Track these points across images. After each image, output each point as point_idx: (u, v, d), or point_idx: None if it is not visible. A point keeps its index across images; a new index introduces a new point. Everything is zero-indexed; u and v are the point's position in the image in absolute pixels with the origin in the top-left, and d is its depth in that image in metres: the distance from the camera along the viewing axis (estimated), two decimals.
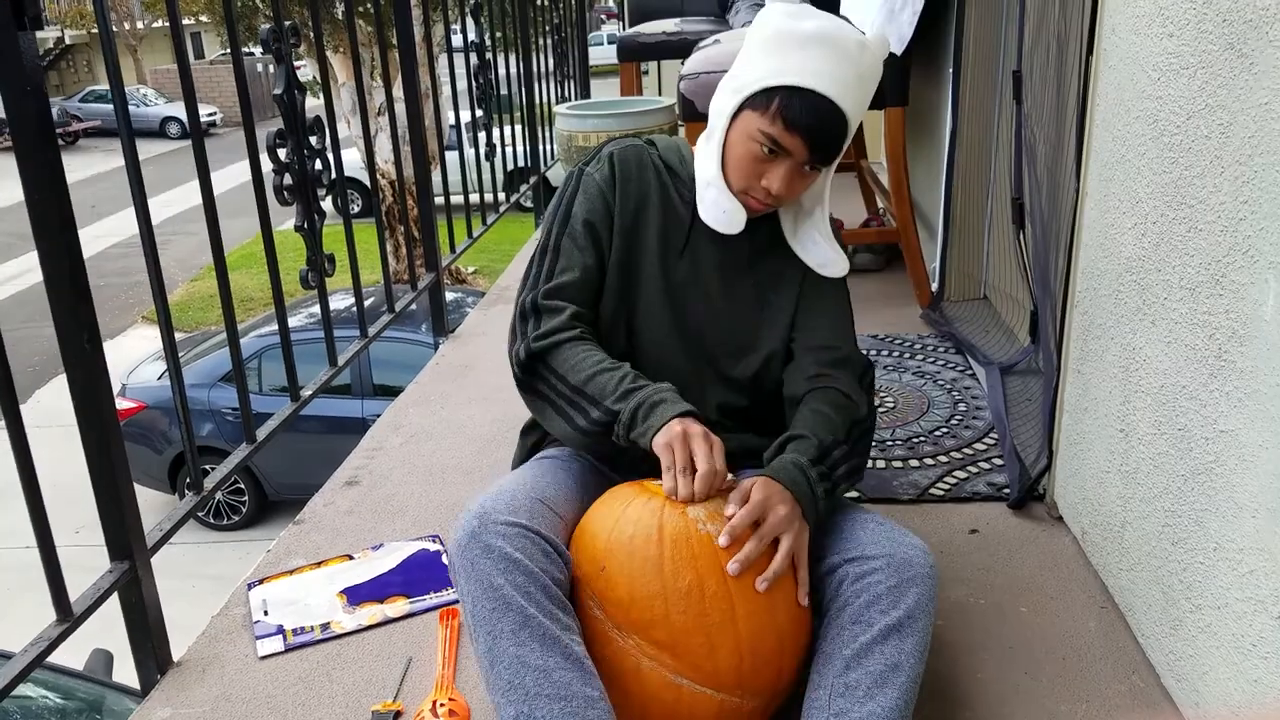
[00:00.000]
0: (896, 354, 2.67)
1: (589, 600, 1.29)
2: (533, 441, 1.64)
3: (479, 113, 3.29)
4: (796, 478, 1.35)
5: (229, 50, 1.91)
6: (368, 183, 2.58)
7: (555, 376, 1.45)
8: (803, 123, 1.38)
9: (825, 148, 1.41)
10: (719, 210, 1.48)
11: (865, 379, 1.55)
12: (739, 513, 1.28)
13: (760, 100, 1.40)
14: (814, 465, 1.37)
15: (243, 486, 7.54)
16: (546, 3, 4.57)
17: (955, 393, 2.41)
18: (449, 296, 3.77)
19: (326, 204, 2.10)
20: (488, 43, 3.29)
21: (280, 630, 1.66)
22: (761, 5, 3.53)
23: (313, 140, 2.01)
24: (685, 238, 1.54)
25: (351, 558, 1.86)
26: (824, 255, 1.54)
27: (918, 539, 1.35)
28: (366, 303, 2.47)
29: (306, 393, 2.10)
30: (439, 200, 3.04)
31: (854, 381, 1.51)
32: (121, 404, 7.12)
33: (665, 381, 1.43)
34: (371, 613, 1.69)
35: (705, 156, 1.49)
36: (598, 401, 1.40)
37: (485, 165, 3.31)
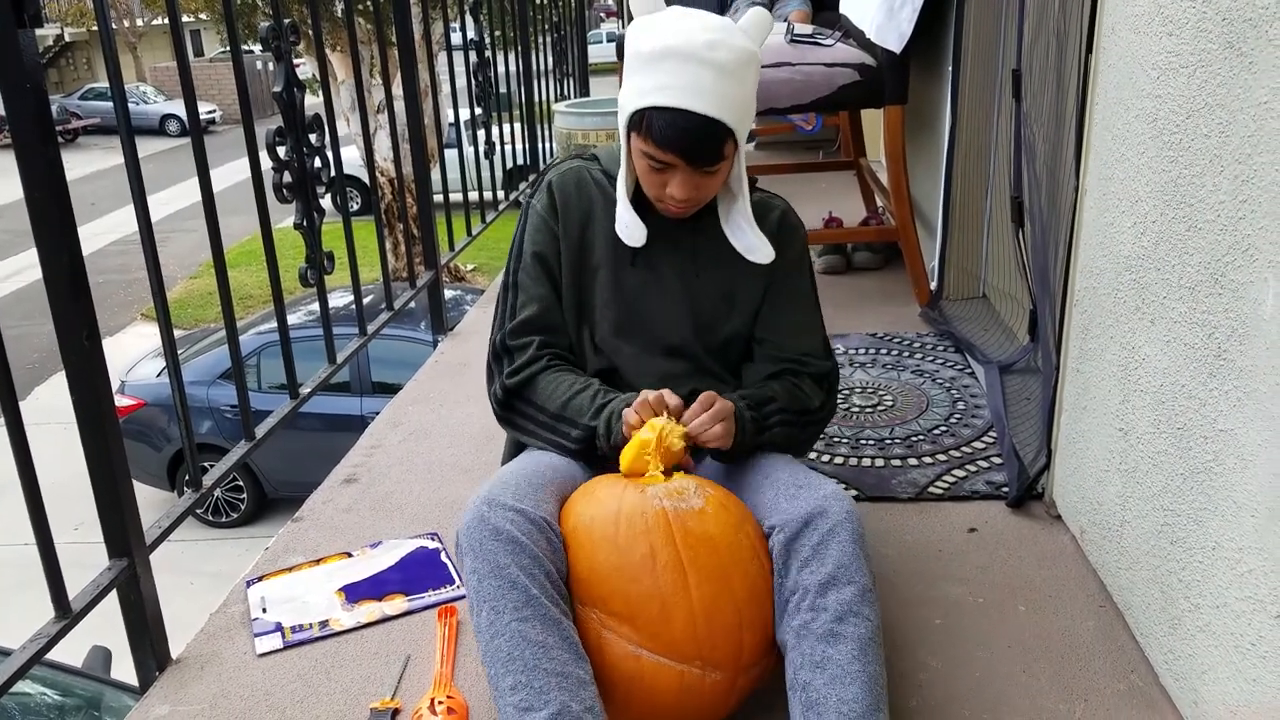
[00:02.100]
0: (895, 352, 2.67)
1: None
2: None
3: (478, 111, 3.29)
4: (739, 416, 1.47)
5: (228, 48, 1.91)
6: (367, 180, 2.58)
7: (534, 408, 1.54)
8: (670, 140, 1.40)
9: (703, 155, 1.42)
10: (622, 224, 1.52)
11: (825, 381, 1.62)
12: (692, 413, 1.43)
13: (635, 122, 1.44)
14: (744, 400, 1.50)
15: (241, 484, 7.54)
16: (545, 1, 4.56)
17: (954, 391, 2.41)
18: (448, 294, 3.77)
19: (325, 201, 2.10)
20: (487, 41, 3.29)
21: (279, 628, 1.66)
22: (759, 3, 3.54)
23: (312, 138, 2.01)
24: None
25: (350, 555, 1.86)
26: (748, 241, 1.55)
27: (833, 485, 1.39)
28: (365, 300, 2.47)
29: (305, 390, 2.10)
30: (438, 198, 3.04)
31: (813, 384, 1.60)
32: (120, 401, 7.12)
33: (644, 384, 1.50)
34: (370, 610, 1.69)
35: (620, 179, 1.53)
36: (575, 422, 1.50)
37: (484, 163, 3.31)
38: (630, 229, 1.52)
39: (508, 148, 3.63)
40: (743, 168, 1.53)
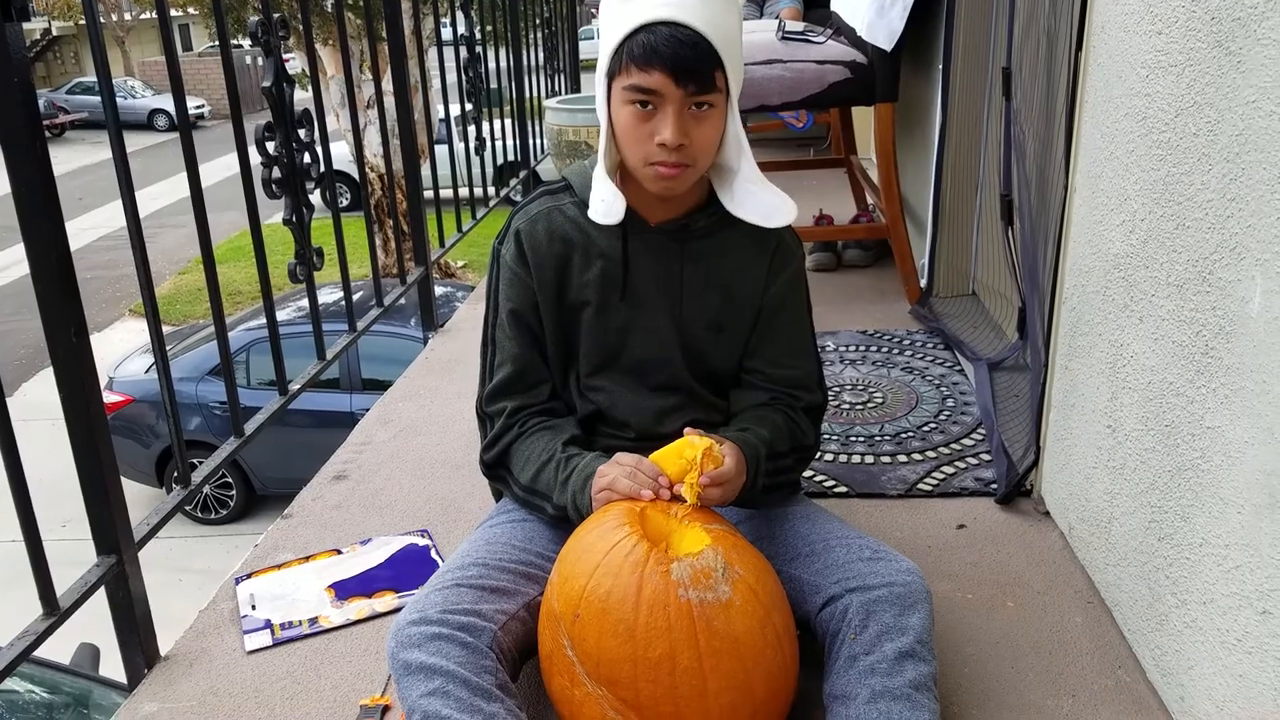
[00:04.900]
0: (885, 350, 2.67)
1: (563, 639, 1.27)
2: None
3: (469, 107, 3.29)
4: (753, 464, 1.44)
5: (217, 42, 1.90)
6: (356, 176, 2.58)
7: (511, 478, 1.53)
8: (653, 50, 1.31)
9: (691, 71, 1.31)
10: (599, 200, 1.43)
11: (813, 413, 1.59)
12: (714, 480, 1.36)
13: (615, 65, 1.36)
14: (770, 460, 1.47)
15: (230, 480, 7.52)
16: None
17: (943, 388, 2.42)
18: (438, 290, 3.76)
19: (315, 197, 2.09)
20: (478, 36, 3.29)
21: (268, 625, 1.65)
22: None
23: (301, 133, 2.00)
24: (621, 278, 1.50)
25: (340, 552, 1.86)
26: (762, 203, 1.45)
27: (908, 561, 1.39)
28: (355, 296, 2.47)
29: (295, 386, 2.10)
30: (428, 194, 3.03)
31: (806, 419, 1.58)
32: (109, 397, 7.09)
33: (638, 421, 1.52)
34: (359, 607, 1.69)
35: (600, 157, 1.45)
36: (548, 498, 1.47)
37: (475, 159, 3.31)
38: (608, 203, 1.40)
39: (498, 144, 3.63)
40: (740, 132, 1.42)
